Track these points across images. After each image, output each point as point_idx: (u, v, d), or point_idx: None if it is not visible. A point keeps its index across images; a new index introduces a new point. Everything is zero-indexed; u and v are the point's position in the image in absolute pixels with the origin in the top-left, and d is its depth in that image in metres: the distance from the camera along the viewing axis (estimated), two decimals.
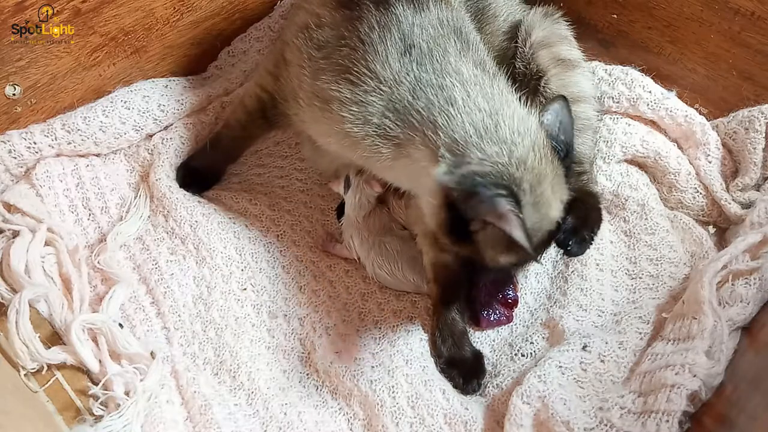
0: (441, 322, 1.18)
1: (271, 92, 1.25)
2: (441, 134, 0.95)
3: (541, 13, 1.30)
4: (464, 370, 1.13)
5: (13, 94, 1.24)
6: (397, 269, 1.22)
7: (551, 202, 0.97)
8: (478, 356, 1.16)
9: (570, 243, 1.18)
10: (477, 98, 0.97)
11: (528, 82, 1.24)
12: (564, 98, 1.06)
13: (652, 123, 1.39)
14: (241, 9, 1.55)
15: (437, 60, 1.00)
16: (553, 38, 1.27)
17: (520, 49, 1.26)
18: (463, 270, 1.20)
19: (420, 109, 0.97)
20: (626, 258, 1.27)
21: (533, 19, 1.28)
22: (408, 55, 1.01)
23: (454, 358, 1.15)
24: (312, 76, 1.08)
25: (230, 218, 1.31)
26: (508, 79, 1.08)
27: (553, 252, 1.31)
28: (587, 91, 1.28)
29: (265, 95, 1.27)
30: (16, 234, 1.17)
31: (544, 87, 1.23)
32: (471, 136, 0.94)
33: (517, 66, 1.26)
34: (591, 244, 1.22)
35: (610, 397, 0.98)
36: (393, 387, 1.07)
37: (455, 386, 1.11)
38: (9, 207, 1.22)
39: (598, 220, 1.26)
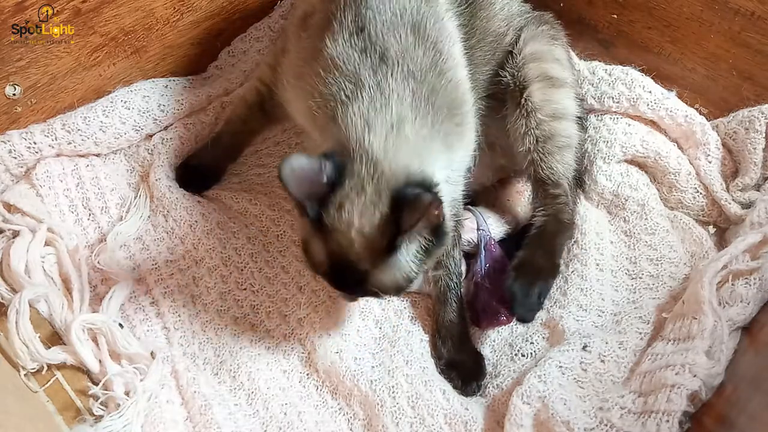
0: (441, 323, 1.18)
1: (268, 84, 1.26)
2: (335, 129, 0.96)
3: (548, 35, 1.29)
4: (464, 372, 1.13)
5: (13, 94, 1.24)
6: None
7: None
8: (478, 358, 1.16)
9: (518, 310, 1.14)
10: (375, 114, 0.95)
11: (512, 92, 1.24)
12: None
13: (652, 123, 1.39)
14: (241, 9, 1.55)
15: (377, 52, 0.98)
16: (547, 56, 1.25)
17: (514, 58, 1.25)
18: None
19: (337, 99, 0.96)
20: (626, 258, 1.27)
21: (534, 35, 1.27)
22: (356, 36, 0.99)
23: (454, 360, 1.15)
24: (296, 55, 1.10)
25: (230, 218, 1.31)
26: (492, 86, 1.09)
27: None
28: (570, 110, 1.25)
29: (264, 88, 1.28)
30: (16, 234, 1.17)
31: (526, 99, 1.21)
32: (347, 139, 0.94)
33: (503, 75, 1.25)
34: (540, 308, 1.18)
35: (610, 397, 0.98)
36: (393, 387, 1.07)
37: (455, 388, 1.11)
38: (9, 207, 1.22)
39: (550, 278, 1.20)
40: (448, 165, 1.04)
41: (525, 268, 1.16)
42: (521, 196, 1.40)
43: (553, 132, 1.21)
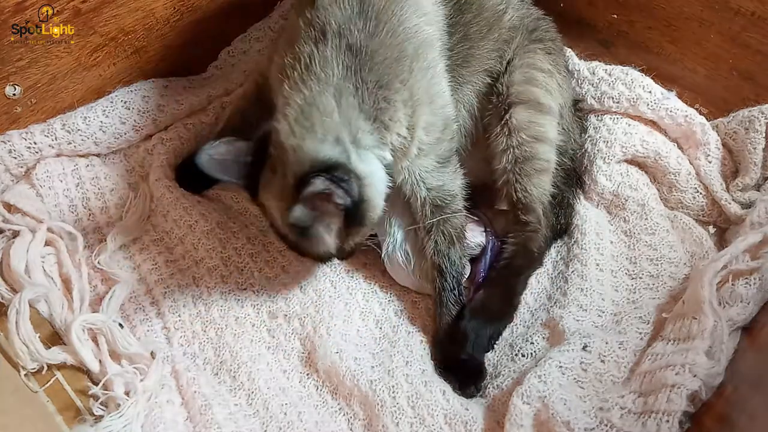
0: (440, 325, 1.17)
1: (265, 74, 1.26)
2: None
3: (548, 60, 1.28)
4: (464, 375, 1.13)
5: (13, 94, 1.24)
6: (410, 263, 1.21)
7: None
8: (478, 361, 1.15)
9: (468, 349, 1.13)
10: (293, 94, 1.00)
11: (498, 108, 1.24)
12: None
13: (652, 123, 1.39)
14: (241, 9, 1.55)
15: (320, 24, 0.99)
16: (540, 83, 1.25)
17: (509, 74, 1.25)
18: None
19: (281, 74, 1.01)
20: (626, 258, 1.27)
21: (533, 61, 1.26)
22: (309, 8, 1.00)
23: (453, 363, 1.14)
24: (283, 35, 1.13)
25: (230, 218, 1.31)
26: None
27: (553, 252, 1.31)
28: (551, 136, 1.24)
29: (261, 78, 1.29)
30: (16, 234, 1.17)
31: (511, 116, 1.21)
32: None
33: (499, 83, 1.25)
34: (491, 349, 1.16)
35: (610, 398, 0.98)
36: (393, 387, 1.07)
37: (454, 390, 1.10)
38: (9, 207, 1.22)
39: (504, 321, 1.18)
40: (380, 142, 1.05)
41: (481, 311, 1.16)
42: None
43: (532, 154, 1.20)
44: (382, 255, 1.23)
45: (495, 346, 1.17)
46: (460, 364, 1.13)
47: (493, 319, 1.16)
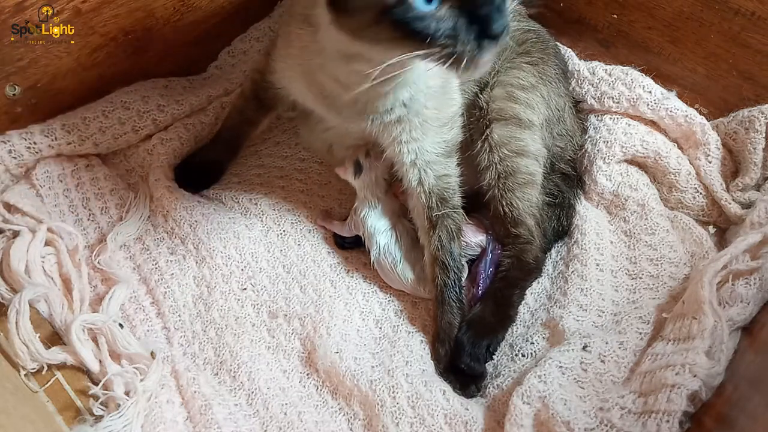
0: (440, 325, 1.17)
1: (262, 70, 1.27)
2: None
3: (534, 75, 1.28)
4: (464, 376, 1.13)
5: (13, 94, 1.24)
6: (399, 263, 1.22)
7: None
8: (478, 370, 1.15)
9: (465, 360, 1.13)
10: None
11: (479, 124, 1.24)
12: None
13: (652, 123, 1.39)
14: (241, 9, 1.55)
15: None
16: (521, 100, 1.25)
17: (491, 88, 1.26)
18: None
19: None
20: (626, 258, 1.27)
21: (518, 77, 1.27)
22: None
23: (453, 364, 1.14)
24: (287, 25, 1.10)
25: (230, 218, 1.31)
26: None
27: (553, 252, 1.31)
28: (533, 149, 1.25)
29: (258, 75, 1.29)
30: (16, 234, 1.17)
31: (492, 132, 1.22)
32: None
33: (481, 97, 1.26)
34: (490, 359, 1.16)
35: (610, 398, 0.98)
36: (393, 387, 1.07)
37: (454, 390, 1.10)
38: (9, 207, 1.22)
39: (500, 332, 1.18)
40: None
41: (476, 324, 1.17)
42: None
43: (515, 168, 1.22)
44: (372, 262, 1.24)
45: (494, 357, 1.17)
46: (459, 371, 1.14)
47: (490, 331, 1.17)
